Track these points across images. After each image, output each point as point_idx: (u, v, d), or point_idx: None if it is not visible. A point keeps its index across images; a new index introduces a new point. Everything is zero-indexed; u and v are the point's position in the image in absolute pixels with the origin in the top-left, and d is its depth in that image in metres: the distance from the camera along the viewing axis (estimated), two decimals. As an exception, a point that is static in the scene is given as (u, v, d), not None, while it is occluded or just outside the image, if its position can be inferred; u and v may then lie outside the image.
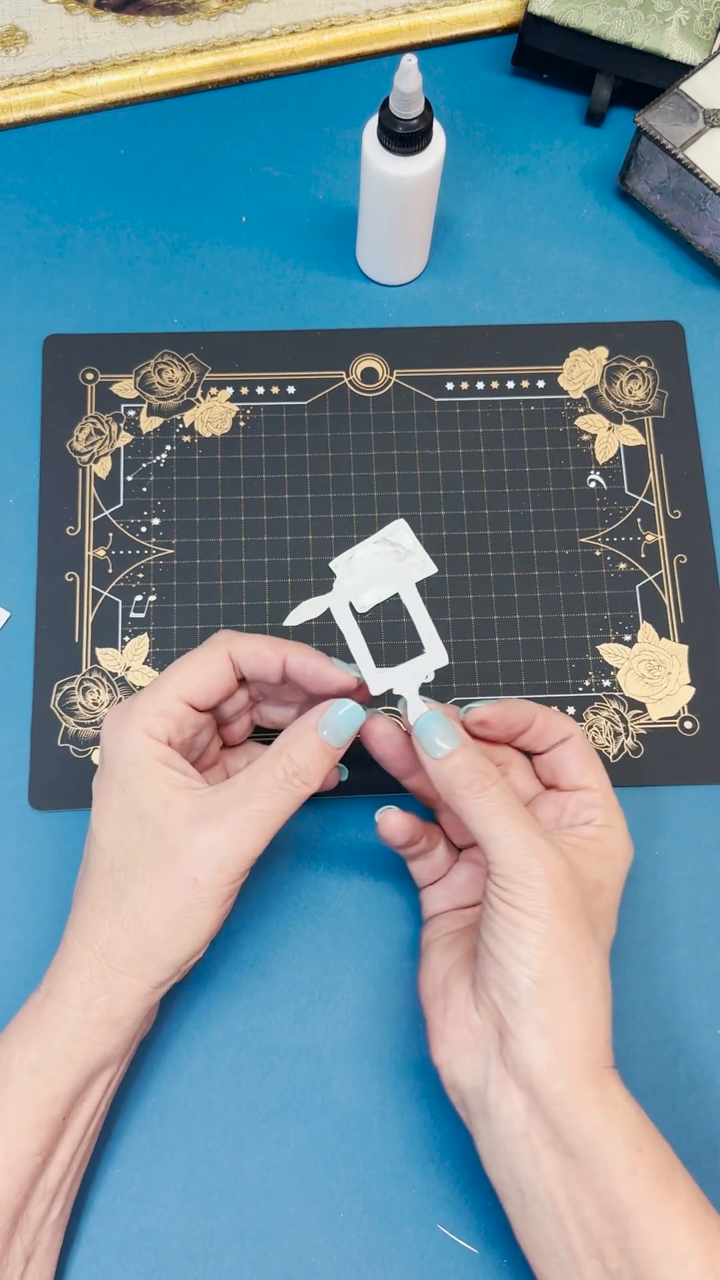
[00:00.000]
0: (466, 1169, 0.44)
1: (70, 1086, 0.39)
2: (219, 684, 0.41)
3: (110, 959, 0.39)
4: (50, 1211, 0.40)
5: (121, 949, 0.39)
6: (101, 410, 0.53)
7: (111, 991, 0.39)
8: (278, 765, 0.39)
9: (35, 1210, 0.39)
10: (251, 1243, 0.43)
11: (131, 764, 0.39)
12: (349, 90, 0.60)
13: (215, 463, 0.53)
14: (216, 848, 0.38)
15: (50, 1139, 0.39)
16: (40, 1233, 0.40)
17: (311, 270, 0.57)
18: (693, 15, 0.57)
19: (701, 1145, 0.44)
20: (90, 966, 0.39)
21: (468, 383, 0.55)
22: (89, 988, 0.39)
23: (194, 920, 0.39)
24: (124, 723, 0.40)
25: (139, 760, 0.39)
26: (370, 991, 0.46)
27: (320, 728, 0.39)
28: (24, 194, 0.57)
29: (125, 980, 0.39)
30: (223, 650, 0.41)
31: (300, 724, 0.40)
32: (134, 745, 0.39)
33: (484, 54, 0.61)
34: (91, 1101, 0.40)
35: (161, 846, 0.39)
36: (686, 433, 0.54)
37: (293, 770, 0.39)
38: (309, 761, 0.39)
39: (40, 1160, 0.39)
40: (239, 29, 0.60)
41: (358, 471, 0.53)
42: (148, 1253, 0.43)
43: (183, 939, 0.39)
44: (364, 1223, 0.43)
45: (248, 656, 0.41)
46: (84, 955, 0.39)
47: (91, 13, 0.59)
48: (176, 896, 0.38)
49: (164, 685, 0.40)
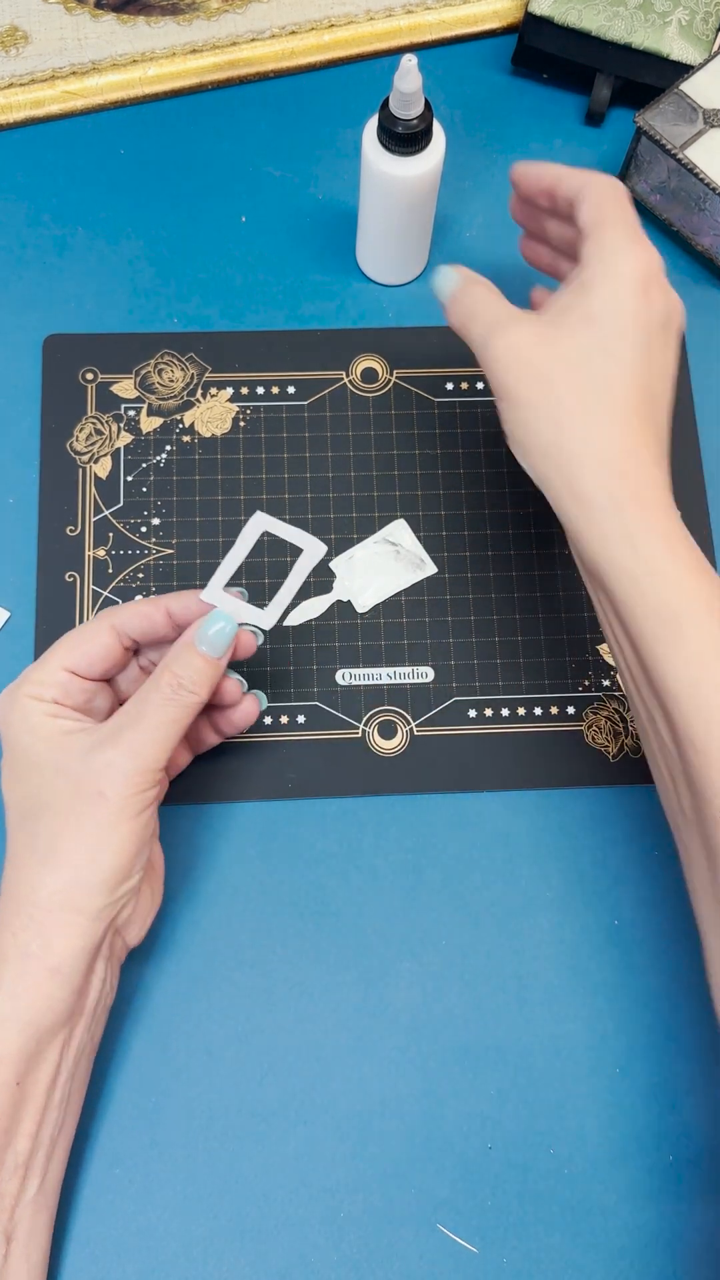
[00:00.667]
0: (466, 1169, 0.44)
1: (14, 1048, 0.38)
2: (101, 652, 0.42)
3: (36, 901, 0.39)
4: (25, 1187, 0.39)
5: (46, 886, 0.39)
6: (101, 410, 0.53)
7: (44, 934, 0.38)
8: (162, 681, 0.40)
9: (8, 1186, 0.38)
10: (251, 1243, 0.43)
11: (23, 727, 0.41)
12: (349, 90, 0.60)
13: (215, 463, 0.53)
14: (116, 762, 0.39)
15: (6, 1104, 0.38)
16: (18, 1210, 0.38)
17: (311, 270, 0.57)
18: (693, 15, 0.57)
19: (701, 1145, 0.45)
20: (18, 917, 0.39)
21: (468, 383, 0.55)
22: (21, 937, 0.38)
23: (109, 837, 0.39)
24: (11, 696, 0.42)
25: (28, 720, 0.41)
26: (371, 991, 0.46)
27: (197, 642, 0.41)
28: (24, 194, 0.57)
29: (56, 917, 0.38)
30: (104, 623, 0.43)
31: (177, 644, 0.41)
32: (23, 709, 0.41)
33: (484, 54, 0.61)
34: (48, 1067, 0.39)
35: (64, 781, 0.39)
36: (686, 432, 0.54)
37: (177, 683, 0.40)
38: (192, 674, 0.40)
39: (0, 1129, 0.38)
40: (239, 29, 0.60)
41: (358, 471, 0.53)
42: (148, 1253, 0.43)
43: (101, 859, 0.39)
44: (364, 1223, 0.43)
45: (131, 618, 0.43)
46: (11, 908, 0.39)
47: (91, 13, 0.59)
48: (86, 816, 0.39)
49: (47, 659, 0.42)
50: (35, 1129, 0.39)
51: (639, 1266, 0.43)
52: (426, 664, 0.50)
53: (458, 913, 0.47)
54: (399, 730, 0.49)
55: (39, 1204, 0.40)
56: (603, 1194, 0.44)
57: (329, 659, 0.50)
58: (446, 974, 0.46)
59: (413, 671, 0.50)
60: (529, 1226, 0.43)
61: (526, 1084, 0.45)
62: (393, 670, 0.50)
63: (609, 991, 0.46)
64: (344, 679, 0.50)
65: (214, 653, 0.41)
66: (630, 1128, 0.45)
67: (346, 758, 0.49)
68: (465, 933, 0.47)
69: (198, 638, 0.41)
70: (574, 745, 0.49)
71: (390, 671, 0.50)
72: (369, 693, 0.50)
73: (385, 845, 0.48)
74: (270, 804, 0.48)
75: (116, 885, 0.39)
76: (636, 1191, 0.44)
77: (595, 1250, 0.43)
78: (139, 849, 0.40)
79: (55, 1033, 0.39)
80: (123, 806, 0.39)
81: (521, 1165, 0.44)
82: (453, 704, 0.50)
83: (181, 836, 0.48)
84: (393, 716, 0.50)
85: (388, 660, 0.50)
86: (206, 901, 0.47)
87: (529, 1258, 0.43)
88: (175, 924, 0.47)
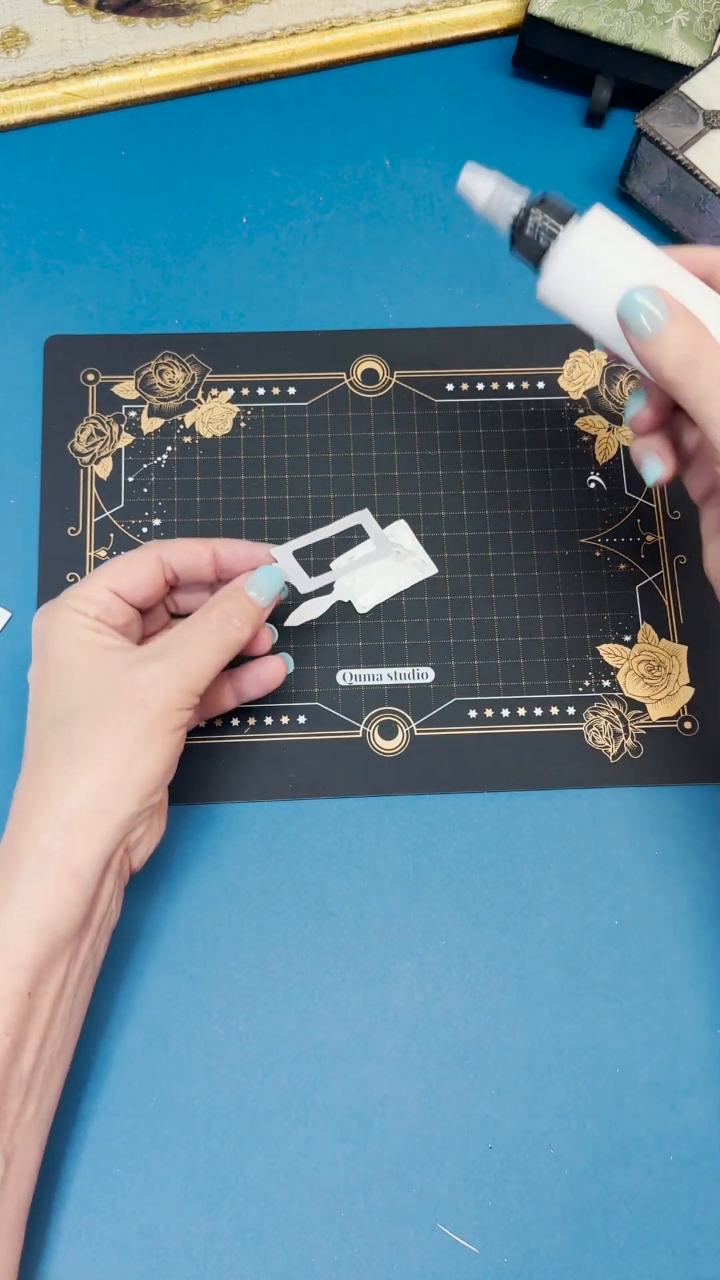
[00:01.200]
0: (466, 1169, 0.44)
1: (30, 954, 0.38)
2: (146, 578, 0.43)
3: (65, 800, 0.39)
4: (26, 1108, 0.38)
5: (77, 785, 0.39)
6: (102, 411, 0.53)
7: (69, 834, 0.38)
8: (211, 614, 0.42)
9: (11, 1104, 0.38)
10: (251, 1243, 0.43)
11: (65, 636, 0.41)
12: (349, 91, 0.60)
13: (216, 464, 0.53)
14: (161, 675, 0.40)
15: (16, 1015, 0.37)
16: (17, 1131, 0.38)
17: (312, 270, 0.57)
18: (693, 17, 0.57)
19: (701, 1145, 0.45)
20: (42, 815, 0.39)
21: (468, 384, 0.55)
22: (43, 837, 0.38)
23: (148, 745, 0.39)
24: (54, 608, 0.42)
25: (71, 630, 0.41)
26: (371, 991, 0.46)
27: (249, 587, 0.43)
28: (25, 195, 0.57)
29: (84, 818, 0.38)
30: (151, 552, 0.44)
31: (229, 586, 0.43)
32: (67, 621, 0.42)
33: (484, 55, 0.61)
34: (56, 978, 0.39)
35: (104, 689, 0.40)
36: (686, 433, 0.54)
37: (225, 616, 0.42)
38: (240, 611, 0.42)
39: (9, 1041, 0.37)
40: (240, 30, 0.60)
41: (358, 472, 0.53)
42: (148, 1253, 0.43)
43: (137, 764, 0.39)
44: (364, 1223, 0.43)
45: (178, 552, 0.44)
46: (34, 808, 0.39)
47: (92, 14, 0.59)
48: (126, 722, 0.39)
49: (92, 578, 0.43)
50: (40, 1044, 0.38)
51: (639, 1266, 0.43)
52: (427, 664, 0.50)
53: (458, 913, 0.47)
54: (399, 730, 0.49)
55: (35, 1128, 0.39)
56: (603, 1194, 0.44)
57: (329, 659, 0.50)
58: (446, 974, 0.46)
59: (413, 672, 0.50)
60: (529, 1226, 0.43)
61: (526, 1084, 0.45)
62: (393, 670, 0.50)
63: (609, 991, 0.46)
64: (344, 679, 0.50)
65: (261, 599, 0.43)
66: (630, 1128, 0.45)
67: (347, 758, 0.49)
68: (465, 933, 0.47)
69: (249, 583, 0.43)
70: (574, 745, 0.50)
71: (390, 672, 0.50)
72: (369, 693, 0.50)
73: (385, 845, 0.48)
74: (270, 804, 0.48)
75: (147, 795, 0.40)
76: (636, 1191, 0.44)
77: (595, 1250, 0.43)
78: (170, 763, 0.41)
79: (68, 941, 0.39)
80: (164, 717, 0.40)
81: (521, 1165, 0.44)
82: (453, 704, 0.50)
83: (182, 836, 0.48)
84: (393, 717, 0.50)
85: (388, 661, 0.50)
86: (206, 901, 0.47)
87: (529, 1258, 0.43)
88: (175, 924, 0.47)
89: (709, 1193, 0.44)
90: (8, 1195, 0.38)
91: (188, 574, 0.45)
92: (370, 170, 0.59)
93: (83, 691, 0.40)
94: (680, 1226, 0.44)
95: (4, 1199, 0.38)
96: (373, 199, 0.58)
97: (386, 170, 0.59)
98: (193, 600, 0.47)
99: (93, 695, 0.40)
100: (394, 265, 0.57)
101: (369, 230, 0.58)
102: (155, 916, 0.47)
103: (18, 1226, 0.39)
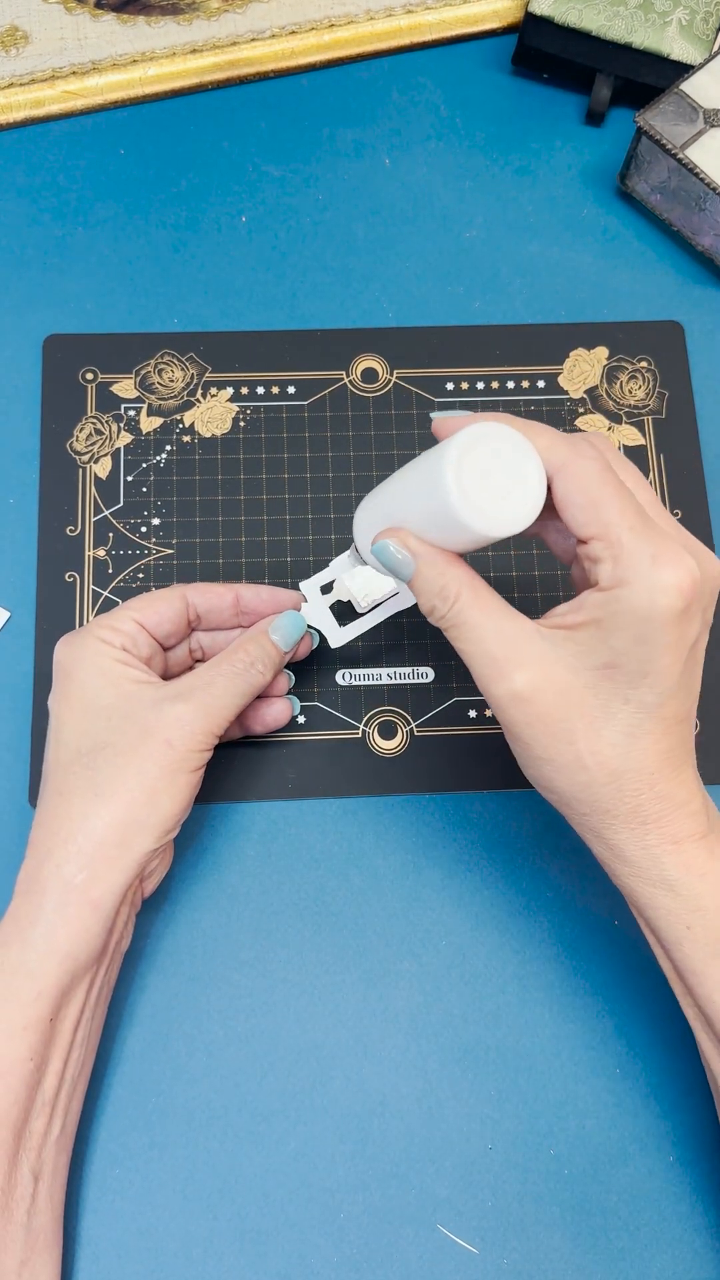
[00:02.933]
0: (466, 1169, 0.44)
1: (53, 981, 0.38)
2: (170, 614, 0.44)
3: (87, 833, 0.39)
4: (51, 1127, 0.39)
5: (100, 819, 0.39)
6: (101, 410, 0.53)
7: (91, 867, 0.39)
8: (237, 656, 0.43)
9: (37, 1124, 0.39)
10: (251, 1243, 0.43)
11: (92, 668, 0.42)
12: (349, 90, 0.60)
13: (215, 463, 0.53)
14: (185, 716, 0.41)
15: (40, 1041, 0.38)
16: (45, 1150, 0.39)
17: (311, 270, 0.57)
18: (693, 15, 0.57)
19: (701, 1145, 0.45)
20: (65, 848, 0.39)
21: (468, 383, 0.55)
22: (65, 869, 0.39)
23: (170, 783, 0.40)
24: (80, 637, 0.43)
25: (98, 662, 0.42)
26: (371, 991, 0.46)
27: (272, 631, 0.44)
28: (24, 194, 0.57)
29: (105, 851, 0.39)
30: (178, 591, 0.45)
31: (255, 629, 0.44)
32: (93, 651, 0.42)
33: (484, 54, 0.61)
34: (76, 1004, 0.40)
35: (130, 726, 0.41)
36: (686, 433, 0.54)
37: (250, 660, 0.43)
38: (264, 655, 0.43)
39: (33, 1066, 0.38)
40: (239, 29, 0.60)
41: (358, 472, 0.53)
42: (148, 1253, 0.43)
43: (160, 802, 0.40)
44: (364, 1223, 0.43)
45: (201, 592, 0.45)
46: (57, 840, 0.40)
47: (91, 13, 0.59)
48: (151, 761, 0.40)
49: (119, 610, 0.44)
50: (61, 1067, 0.40)
51: (639, 1266, 0.43)
52: (426, 664, 0.50)
53: (458, 913, 0.47)
54: (399, 730, 0.49)
55: (61, 1144, 0.40)
56: (603, 1194, 0.44)
57: (329, 659, 0.50)
58: (446, 974, 0.46)
59: (413, 672, 0.50)
60: (529, 1226, 0.43)
61: (526, 1084, 0.45)
62: (393, 670, 0.50)
63: (609, 991, 0.46)
64: (344, 679, 0.50)
65: (284, 645, 0.44)
66: (630, 1128, 0.45)
67: (347, 758, 0.49)
68: (465, 933, 0.47)
69: (273, 628, 0.44)
70: (574, 745, 0.49)
71: (390, 672, 0.50)
72: (369, 693, 0.50)
73: (385, 845, 0.48)
74: (270, 804, 0.48)
75: (166, 831, 0.41)
76: (636, 1191, 0.44)
77: (595, 1250, 0.43)
78: (189, 801, 0.42)
79: (88, 969, 0.40)
80: (186, 758, 0.41)
81: (521, 1165, 0.44)
82: (453, 704, 0.50)
83: (182, 836, 0.47)
84: (393, 717, 0.50)
85: (388, 660, 0.50)
86: (206, 901, 0.47)
87: (529, 1258, 0.43)
88: (175, 924, 0.47)
89: (709, 1193, 0.44)
90: (40, 1210, 0.39)
91: (210, 615, 0.46)
92: (370, 169, 0.59)
93: (109, 726, 0.41)
94: (680, 1226, 0.44)
95: (37, 1213, 0.39)
96: (372, 198, 0.58)
97: (386, 169, 0.59)
98: (215, 641, 0.47)
99: (119, 731, 0.41)
100: (393, 264, 0.57)
101: (368, 229, 0.57)
102: (155, 916, 0.47)
103: (54, 1239, 0.40)
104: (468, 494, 0.34)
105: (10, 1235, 0.38)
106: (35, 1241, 0.39)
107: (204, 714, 0.41)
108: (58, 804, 0.40)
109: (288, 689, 0.48)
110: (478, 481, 0.34)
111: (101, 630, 0.43)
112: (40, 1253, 0.39)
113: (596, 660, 0.35)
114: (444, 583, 0.36)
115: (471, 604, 0.36)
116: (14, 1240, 0.38)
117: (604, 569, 0.34)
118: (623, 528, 0.34)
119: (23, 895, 0.40)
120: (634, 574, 0.34)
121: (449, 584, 0.36)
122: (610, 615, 0.34)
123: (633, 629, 0.34)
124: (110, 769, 0.40)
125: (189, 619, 0.45)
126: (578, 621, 0.35)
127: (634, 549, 0.34)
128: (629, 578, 0.34)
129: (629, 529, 0.34)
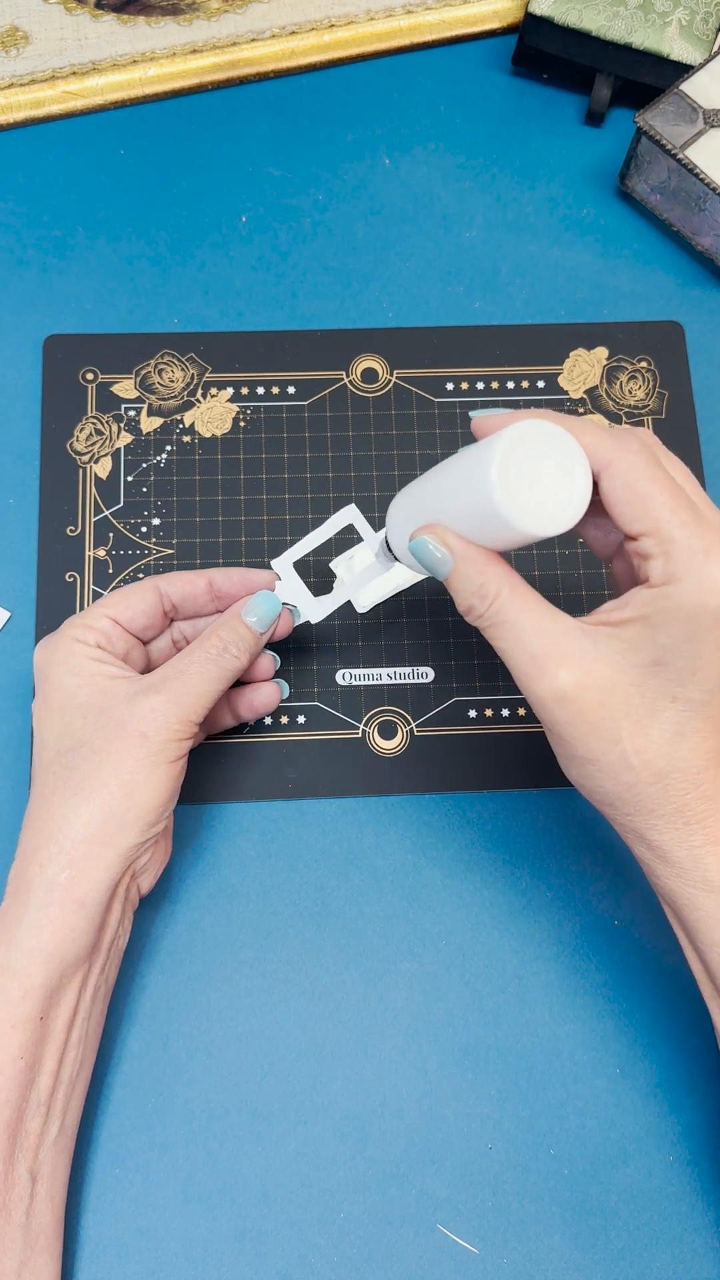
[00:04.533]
0: (466, 1169, 0.44)
1: (40, 980, 0.38)
2: (144, 606, 0.44)
3: (68, 832, 0.39)
4: (48, 1128, 0.39)
5: (79, 817, 0.39)
6: (102, 410, 0.53)
7: (74, 865, 0.39)
8: (209, 642, 0.42)
9: (32, 1124, 0.39)
10: (251, 1243, 0.43)
11: (66, 667, 0.42)
12: (349, 90, 0.60)
13: (215, 463, 0.53)
14: (160, 707, 0.40)
15: (29, 1040, 0.38)
16: (42, 1150, 0.39)
17: (311, 270, 0.57)
18: (693, 15, 0.57)
19: (702, 1146, 0.45)
20: (47, 847, 0.39)
21: (468, 383, 0.55)
22: (49, 869, 0.39)
23: (148, 776, 0.40)
24: (55, 639, 0.43)
25: (71, 660, 0.42)
26: (371, 991, 0.46)
27: (245, 614, 0.43)
28: (24, 194, 0.57)
29: (87, 849, 0.39)
30: (149, 583, 0.45)
31: (227, 613, 0.44)
32: (66, 651, 0.42)
33: (484, 54, 0.61)
34: (68, 1003, 0.39)
35: (106, 721, 0.40)
36: (686, 433, 0.54)
37: (223, 645, 0.42)
38: (237, 640, 0.43)
39: (24, 1065, 0.38)
40: (239, 29, 0.60)
41: (358, 472, 0.53)
42: (148, 1253, 0.43)
43: (138, 796, 0.40)
44: (364, 1223, 0.43)
45: (174, 582, 0.45)
46: (40, 840, 0.40)
47: (91, 13, 0.59)
48: (127, 754, 0.40)
49: (92, 608, 0.44)
50: (56, 1067, 0.39)
51: (639, 1266, 0.43)
52: (426, 664, 0.50)
53: (458, 913, 0.47)
54: (399, 730, 0.49)
55: (60, 1145, 0.40)
56: (603, 1194, 0.44)
57: (329, 659, 0.50)
58: (446, 974, 0.46)
59: (413, 671, 0.50)
60: (529, 1226, 0.43)
61: (526, 1084, 0.45)
62: (393, 670, 0.50)
63: (609, 991, 0.46)
64: (344, 679, 0.50)
65: (259, 626, 0.43)
66: (630, 1128, 0.45)
67: (346, 758, 0.49)
68: (465, 933, 0.47)
69: (246, 610, 0.44)
70: (574, 745, 0.49)
71: (390, 671, 0.50)
72: (369, 693, 0.50)
73: (385, 845, 0.48)
74: (270, 804, 0.48)
75: (148, 825, 0.40)
76: (636, 1191, 0.44)
77: (595, 1250, 0.43)
78: (172, 793, 0.41)
79: (77, 967, 0.40)
80: (163, 748, 0.40)
81: (521, 1165, 0.44)
82: (453, 704, 0.50)
83: (182, 836, 0.48)
84: (393, 716, 0.50)
85: (388, 660, 0.50)
86: (206, 901, 0.47)
87: (529, 1258, 0.43)
88: (175, 924, 0.47)
89: (709, 1193, 0.44)
90: (39, 1211, 0.39)
91: (186, 603, 0.45)
92: (370, 169, 0.59)
93: (85, 724, 0.41)
94: (680, 1226, 0.44)
95: (36, 1214, 0.39)
96: (372, 198, 0.58)
97: (386, 169, 0.59)
98: (196, 629, 0.47)
99: (94, 728, 0.41)
100: (393, 264, 0.57)
101: (368, 229, 0.57)
102: (155, 916, 0.47)
103: (54, 1240, 0.40)
104: (512, 492, 0.34)
105: (8, 1236, 0.38)
106: (35, 1242, 0.39)
107: (177, 703, 0.41)
108: (40, 805, 0.40)
109: (274, 672, 0.47)
110: (522, 479, 0.34)
111: (75, 629, 0.43)
112: (40, 1253, 0.39)
113: (643, 657, 0.35)
114: (483, 580, 0.36)
115: (511, 602, 0.36)
116: (13, 1241, 0.38)
117: (654, 565, 0.34)
118: (674, 524, 0.34)
119: (10, 896, 0.40)
120: (686, 570, 0.33)
121: (488, 582, 0.36)
122: (659, 611, 0.34)
123: (682, 625, 0.34)
124: (88, 766, 0.40)
125: (164, 610, 0.45)
126: (624, 618, 0.35)
127: (686, 544, 0.34)
128: (680, 573, 0.33)
129: (680, 525, 0.34)
